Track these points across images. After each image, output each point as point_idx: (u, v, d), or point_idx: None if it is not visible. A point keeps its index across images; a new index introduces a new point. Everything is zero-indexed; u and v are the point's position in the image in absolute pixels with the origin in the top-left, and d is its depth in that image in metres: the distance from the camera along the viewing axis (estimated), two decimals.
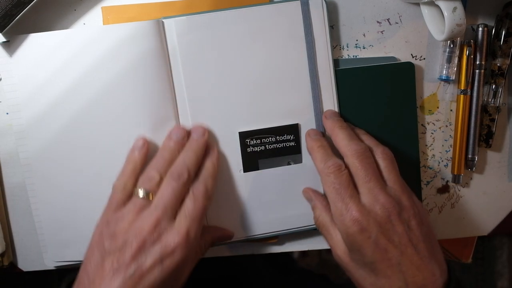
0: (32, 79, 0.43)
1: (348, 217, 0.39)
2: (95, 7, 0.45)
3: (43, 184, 0.44)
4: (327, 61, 0.44)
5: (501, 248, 0.96)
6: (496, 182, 0.52)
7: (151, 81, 0.43)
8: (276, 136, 0.45)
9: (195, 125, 0.44)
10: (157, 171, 0.40)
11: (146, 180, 0.40)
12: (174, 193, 0.39)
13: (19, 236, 0.48)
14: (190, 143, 0.42)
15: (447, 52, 0.48)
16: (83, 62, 0.42)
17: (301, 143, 0.45)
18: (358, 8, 0.47)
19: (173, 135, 0.42)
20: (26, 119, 0.43)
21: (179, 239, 0.38)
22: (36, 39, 0.42)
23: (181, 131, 0.43)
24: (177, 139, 0.42)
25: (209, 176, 0.42)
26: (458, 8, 0.41)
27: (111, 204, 0.40)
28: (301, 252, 0.80)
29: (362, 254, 0.39)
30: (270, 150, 0.45)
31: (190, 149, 0.42)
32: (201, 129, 0.43)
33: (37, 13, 0.44)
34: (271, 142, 0.45)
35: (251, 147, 0.45)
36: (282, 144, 0.45)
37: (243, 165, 0.45)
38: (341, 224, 0.39)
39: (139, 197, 0.39)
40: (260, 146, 0.45)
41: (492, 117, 0.49)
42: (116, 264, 0.36)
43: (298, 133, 0.45)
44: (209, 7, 0.45)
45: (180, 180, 0.39)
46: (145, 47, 0.42)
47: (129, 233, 0.37)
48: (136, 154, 0.42)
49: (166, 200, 0.39)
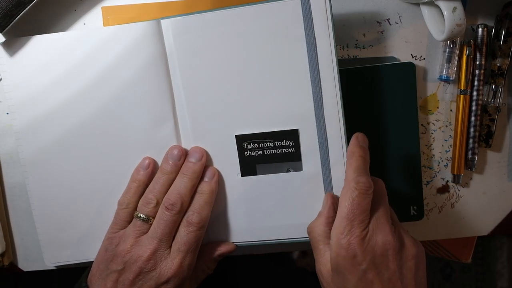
0: (33, 80, 0.43)
1: (347, 239, 0.37)
2: (95, 7, 0.45)
3: (41, 185, 0.44)
4: (330, 64, 0.41)
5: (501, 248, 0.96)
6: (496, 182, 0.52)
7: (149, 82, 0.42)
8: (275, 141, 0.43)
9: (193, 148, 0.43)
10: (154, 195, 0.42)
11: (145, 204, 0.42)
12: (167, 224, 0.41)
13: (19, 236, 0.48)
14: (187, 167, 0.42)
15: (447, 52, 0.48)
16: (83, 64, 0.42)
17: (301, 150, 0.43)
18: (358, 8, 0.47)
19: (169, 158, 0.42)
20: (27, 119, 0.43)
21: (173, 271, 0.40)
22: (36, 41, 0.42)
23: (177, 152, 0.42)
24: (174, 162, 0.42)
25: (204, 204, 0.42)
26: (458, 8, 0.41)
27: (116, 220, 0.43)
28: (300, 252, 0.80)
29: (346, 279, 0.37)
30: (268, 156, 0.43)
31: (186, 174, 0.42)
32: (199, 152, 0.43)
33: (38, 13, 0.44)
34: (269, 147, 0.43)
35: (249, 151, 0.43)
36: (281, 150, 0.43)
37: (241, 169, 0.44)
38: (336, 242, 0.38)
39: (139, 220, 0.41)
40: (257, 151, 0.43)
41: (492, 117, 0.49)
42: (116, 285, 0.41)
43: (297, 139, 0.43)
44: (208, 7, 0.45)
45: (173, 211, 0.41)
46: (143, 48, 0.42)
47: (129, 257, 0.40)
48: (141, 173, 0.43)
49: (161, 231, 0.41)
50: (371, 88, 0.47)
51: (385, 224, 0.38)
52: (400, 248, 0.38)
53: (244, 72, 0.42)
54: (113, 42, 0.42)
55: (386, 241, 0.37)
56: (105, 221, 0.44)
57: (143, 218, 0.41)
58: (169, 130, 0.43)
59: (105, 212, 0.44)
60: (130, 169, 0.43)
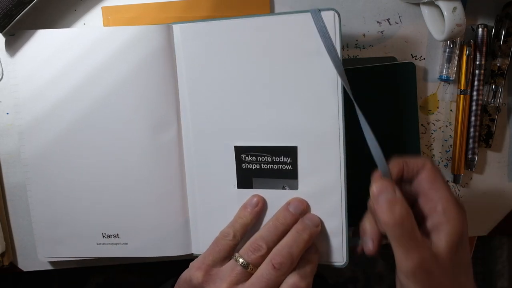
0: (36, 78, 0.43)
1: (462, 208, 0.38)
2: (95, 7, 0.45)
3: (41, 182, 0.44)
4: (335, 84, 0.39)
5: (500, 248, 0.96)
6: (496, 182, 0.52)
7: (157, 85, 0.42)
8: (273, 156, 0.42)
9: (312, 214, 0.41)
10: (265, 242, 0.39)
11: (253, 250, 0.39)
12: (268, 284, 0.38)
13: (19, 236, 0.48)
14: (304, 228, 0.40)
15: (447, 52, 0.48)
16: (88, 63, 0.42)
17: (298, 168, 0.41)
18: (358, 8, 0.47)
19: (292, 207, 0.41)
20: (28, 117, 0.44)
21: None
22: (42, 36, 0.42)
23: (302, 205, 0.41)
24: (296, 213, 0.40)
25: (310, 274, 0.39)
26: (458, 8, 0.41)
27: (214, 248, 0.40)
28: None
29: (467, 250, 0.37)
30: (265, 170, 0.42)
31: (302, 234, 0.39)
32: (317, 219, 0.41)
33: (37, 13, 0.44)
34: (266, 162, 0.42)
35: (246, 164, 0.42)
36: (278, 165, 0.42)
37: (237, 181, 0.43)
38: (457, 209, 0.37)
39: (240, 265, 0.38)
40: (255, 164, 0.42)
41: (492, 117, 0.49)
42: None
43: (295, 157, 0.41)
44: (208, 7, 0.45)
45: (280, 271, 0.38)
46: (154, 51, 0.42)
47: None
48: (248, 210, 0.41)
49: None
50: (371, 88, 0.47)
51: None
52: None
53: (251, 83, 0.41)
54: (121, 43, 0.42)
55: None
56: (101, 219, 0.44)
57: (244, 264, 0.38)
58: (172, 134, 0.43)
59: (101, 211, 0.44)
60: (129, 169, 0.43)
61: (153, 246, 0.45)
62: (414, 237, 0.35)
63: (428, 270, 0.35)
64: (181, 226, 0.45)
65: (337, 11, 0.38)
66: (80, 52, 0.42)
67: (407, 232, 0.35)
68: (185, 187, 0.44)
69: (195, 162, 0.44)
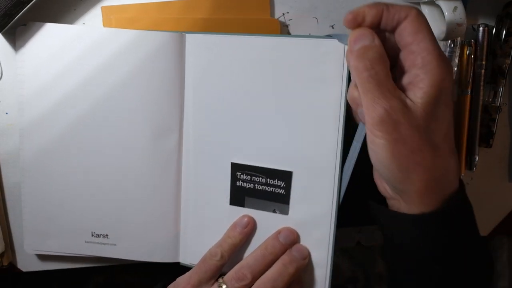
0: (42, 73, 0.43)
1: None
2: (94, 6, 0.45)
3: (36, 176, 0.44)
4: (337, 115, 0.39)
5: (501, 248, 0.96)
6: (496, 182, 0.52)
7: (163, 92, 0.42)
8: (267, 178, 0.41)
9: (301, 245, 0.41)
10: (251, 272, 0.39)
11: (237, 279, 0.39)
12: None
13: (18, 236, 0.48)
14: (291, 261, 0.39)
15: (448, 52, 0.47)
16: (93, 64, 0.42)
17: (290, 193, 0.41)
18: None
19: (282, 237, 0.40)
20: (31, 113, 0.43)
21: None
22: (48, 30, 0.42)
23: (292, 236, 0.40)
24: (285, 243, 0.40)
25: None
26: (459, 8, 0.41)
27: (200, 268, 0.40)
28: None
29: (448, 107, 0.34)
30: (258, 191, 0.41)
31: (288, 268, 0.39)
32: (305, 252, 0.40)
33: (37, 13, 0.44)
34: (260, 183, 0.41)
35: (241, 182, 0.42)
36: (271, 188, 0.41)
37: (230, 197, 0.42)
38: (440, 58, 0.33)
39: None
40: (249, 183, 0.42)
41: (493, 117, 0.49)
42: None
43: (290, 182, 0.40)
44: (208, 7, 0.45)
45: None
46: (165, 57, 0.42)
47: None
48: (238, 230, 0.41)
49: None
50: None
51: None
52: None
53: (255, 101, 0.41)
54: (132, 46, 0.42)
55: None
56: (92, 218, 0.44)
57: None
58: (173, 142, 0.43)
59: (93, 210, 0.44)
60: (126, 171, 0.43)
61: (141, 250, 0.45)
62: (384, 84, 0.32)
63: (396, 120, 0.32)
64: (171, 234, 0.45)
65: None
66: (87, 52, 0.42)
67: (376, 78, 0.32)
68: (179, 196, 0.44)
69: (192, 173, 0.43)
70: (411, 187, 0.33)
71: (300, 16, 0.46)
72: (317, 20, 0.47)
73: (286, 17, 0.46)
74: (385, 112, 0.31)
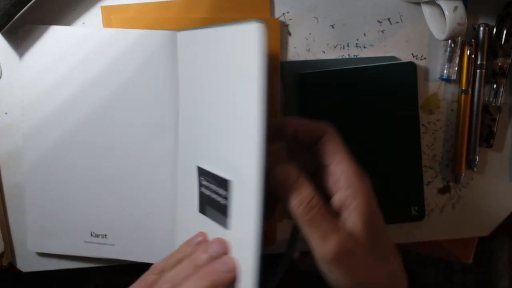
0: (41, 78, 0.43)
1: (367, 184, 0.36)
2: (94, 6, 0.45)
3: (39, 176, 0.45)
4: (255, 114, 0.30)
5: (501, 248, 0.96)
6: (497, 183, 0.51)
7: (160, 91, 0.42)
8: (218, 186, 0.35)
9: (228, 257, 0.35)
10: (171, 285, 0.35)
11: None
12: None
13: (18, 236, 0.48)
14: (212, 271, 0.35)
15: (448, 51, 0.47)
16: (93, 64, 0.42)
17: (232, 206, 0.34)
18: (359, 7, 0.47)
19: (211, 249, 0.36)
20: (32, 117, 0.44)
21: None
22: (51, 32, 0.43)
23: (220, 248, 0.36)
24: (211, 256, 0.35)
25: None
26: (459, 8, 0.41)
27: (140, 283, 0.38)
28: (301, 253, 0.80)
29: (381, 225, 0.36)
30: (213, 200, 0.36)
31: (205, 278, 0.34)
32: (231, 264, 0.35)
33: (36, 13, 0.44)
34: (214, 191, 0.36)
35: (203, 188, 0.37)
36: (220, 198, 0.35)
37: (199, 204, 0.39)
38: (364, 189, 0.34)
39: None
40: (208, 190, 0.37)
41: (493, 117, 0.49)
42: None
43: (230, 192, 0.34)
44: (208, 7, 0.45)
45: None
46: (160, 56, 0.42)
47: None
48: (190, 248, 0.38)
49: None
50: (372, 87, 0.47)
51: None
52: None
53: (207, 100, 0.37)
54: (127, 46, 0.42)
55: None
56: (92, 218, 0.44)
57: None
58: (168, 142, 0.43)
59: (93, 210, 0.44)
60: (123, 171, 0.44)
61: (138, 251, 0.45)
62: (326, 218, 0.33)
63: (349, 251, 0.32)
64: (168, 235, 0.45)
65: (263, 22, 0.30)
66: (87, 53, 0.42)
67: (319, 215, 0.32)
68: (176, 196, 0.44)
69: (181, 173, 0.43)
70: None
71: (300, 15, 0.46)
72: (317, 20, 0.47)
73: (286, 16, 0.46)
74: (338, 245, 0.32)
